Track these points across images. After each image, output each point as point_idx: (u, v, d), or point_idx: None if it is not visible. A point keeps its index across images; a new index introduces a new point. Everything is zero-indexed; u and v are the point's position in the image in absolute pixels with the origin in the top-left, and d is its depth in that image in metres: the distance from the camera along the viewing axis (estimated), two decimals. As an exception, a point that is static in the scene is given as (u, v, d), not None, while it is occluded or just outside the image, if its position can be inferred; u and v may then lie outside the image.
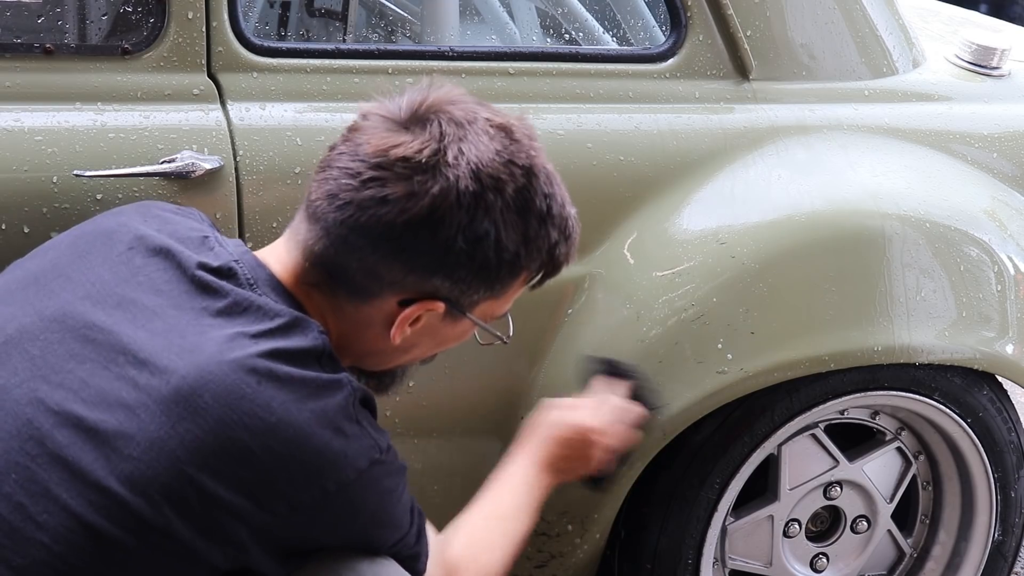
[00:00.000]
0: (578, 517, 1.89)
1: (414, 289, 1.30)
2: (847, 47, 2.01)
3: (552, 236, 1.32)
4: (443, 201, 1.24)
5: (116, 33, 1.71)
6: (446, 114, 1.28)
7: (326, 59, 1.74)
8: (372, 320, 1.32)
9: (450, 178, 1.24)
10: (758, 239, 1.85)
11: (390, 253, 1.27)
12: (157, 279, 1.26)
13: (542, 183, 1.31)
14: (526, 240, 1.30)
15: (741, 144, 1.90)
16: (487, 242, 1.27)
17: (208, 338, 1.20)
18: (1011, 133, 2.11)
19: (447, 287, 1.30)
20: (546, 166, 1.33)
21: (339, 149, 1.29)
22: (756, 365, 1.82)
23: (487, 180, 1.26)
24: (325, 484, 1.21)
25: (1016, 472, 2.10)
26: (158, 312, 1.23)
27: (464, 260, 1.27)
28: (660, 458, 1.88)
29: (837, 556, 2.12)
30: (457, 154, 1.25)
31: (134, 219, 1.35)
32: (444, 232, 1.25)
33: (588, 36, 2.05)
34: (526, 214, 1.29)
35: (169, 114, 1.64)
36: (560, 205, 1.33)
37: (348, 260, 1.28)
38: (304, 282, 1.31)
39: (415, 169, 1.24)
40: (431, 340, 1.38)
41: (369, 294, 1.30)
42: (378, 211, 1.25)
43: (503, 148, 1.28)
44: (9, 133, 1.56)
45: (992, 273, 1.97)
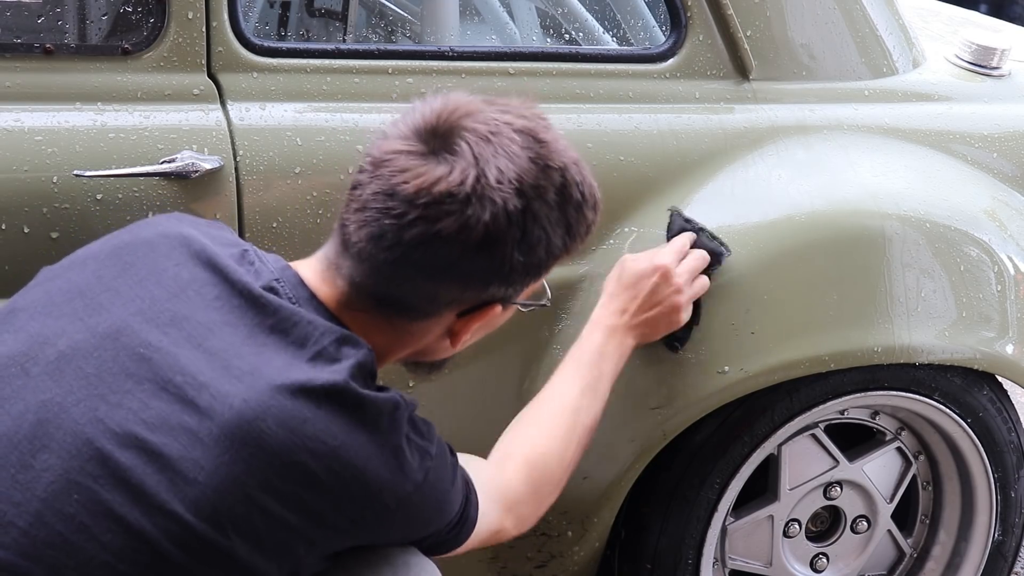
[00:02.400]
0: (578, 517, 1.89)
1: (472, 300, 1.33)
2: (847, 47, 2.01)
3: (589, 217, 1.36)
4: (496, 225, 1.25)
5: (116, 33, 1.71)
6: (470, 132, 1.27)
7: (326, 59, 1.74)
8: (429, 331, 1.35)
9: (497, 201, 1.25)
10: (758, 239, 1.85)
11: (448, 280, 1.29)
12: (207, 294, 1.26)
13: (574, 174, 1.33)
14: (569, 230, 1.33)
15: (741, 144, 1.90)
16: (540, 247, 1.30)
17: (265, 360, 1.21)
18: (1011, 133, 2.11)
19: (502, 291, 1.33)
20: (572, 154, 1.34)
21: (370, 187, 1.28)
22: (756, 365, 1.82)
23: (530, 191, 1.27)
24: (386, 501, 1.23)
25: (1016, 472, 2.10)
26: (213, 330, 1.23)
27: (520, 267, 1.30)
28: (660, 458, 1.88)
29: (837, 556, 2.12)
30: (498, 175, 1.25)
31: (174, 231, 1.34)
32: (500, 251, 1.27)
33: (588, 36, 2.05)
34: (566, 208, 1.32)
35: (169, 114, 1.64)
36: (590, 186, 1.36)
37: (403, 291, 1.30)
38: (348, 306, 1.31)
39: (463, 202, 1.24)
40: (484, 331, 1.42)
41: (426, 314, 1.33)
42: (431, 246, 1.25)
43: (536, 155, 1.29)
44: (9, 133, 1.56)
45: (992, 273, 1.97)
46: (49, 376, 1.21)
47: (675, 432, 1.85)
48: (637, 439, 1.84)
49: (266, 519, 1.17)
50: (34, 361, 1.23)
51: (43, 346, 1.24)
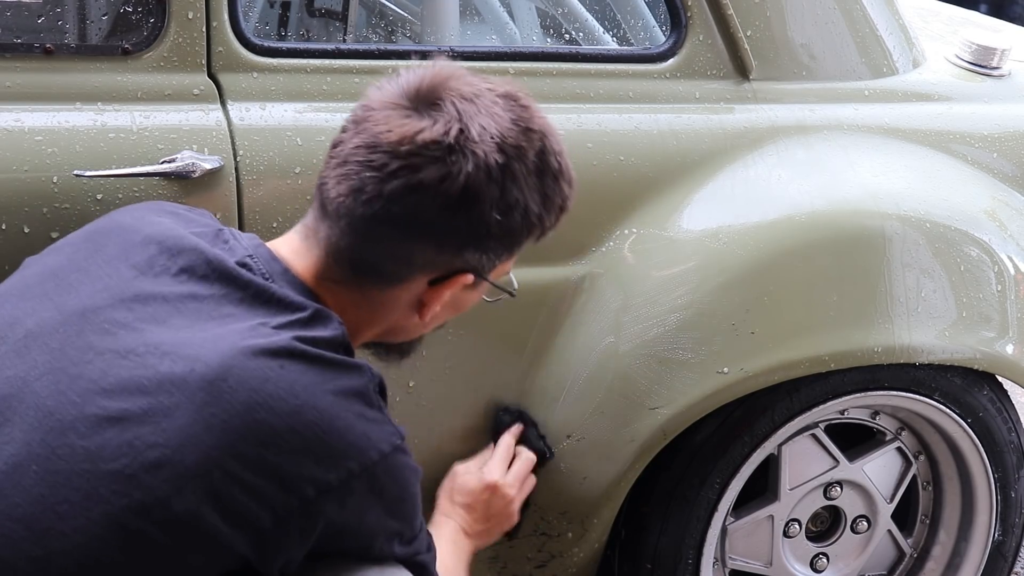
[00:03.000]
0: (578, 517, 1.89)
1: (445, 266, 1.32)
2: (847, 47, 2.01)
3: (565, 190, 1.35)
4: (476, 178, 1.25)
5: (116, 33, 1.71)
6: (453, 91, 1.29)
7: (326, 59, 1.74)
8: (399, 302, 1.34)
9: (480, 154, 1.25)
10: (758, 239, 1.85)
11: (423, 237, 1.28)
12: (174, 270, 1.26)
13: (553, 143, 1.34)
14: (545, 199, 1.33)
15: (741, 144, 1.90)
16: (517, 210, 1.30)
17: (230, 328, 1.21)
18: (1011, 133, 2.11)
19: (476, 258, 1.32)
20: (552, 125, 1.35)
21: (352, 143, 1.29)
22: (756, 365, 1.83)
23: (511, 150, 1.28)
24: (350, 465, 1.21)
25: (1016, 472, 2.10)
26: (178, 306, 1.23)
27: (496, 231, 1.30)
28: (660, 458, 1.88)
29: (837, 556, 2.12)
30: (480, 130, 1.26)
31: (149, 215, 1.36)
32: (479, 208, 1.27)
33: (588, 36, 2.05)
34: (543, 175, 1.32)
35: (169, 114, 1.64)
36: (567, 161, 1.36)
37: (378, 251, 1.29)
38: (326, 278, 1.31)
39: (446, 151, 1.25)
40: (452, 309, 1.41)
41: (399, 279, 1.32)
42: (410, 199, 1.25)
43: (517, 117, 1.30)
44: (9, 133, 1.56)
45: (992, 273, 1.97)
46: (16, 354, 1.22)
47: (675, 432, 1.85)
48: (637, 439, 1.84)
49: (227, 480, 1.15)
50: (3, 341, 1.24)
51: (12, 327, 1.25)
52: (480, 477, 1.74)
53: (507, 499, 1.74)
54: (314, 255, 1.32)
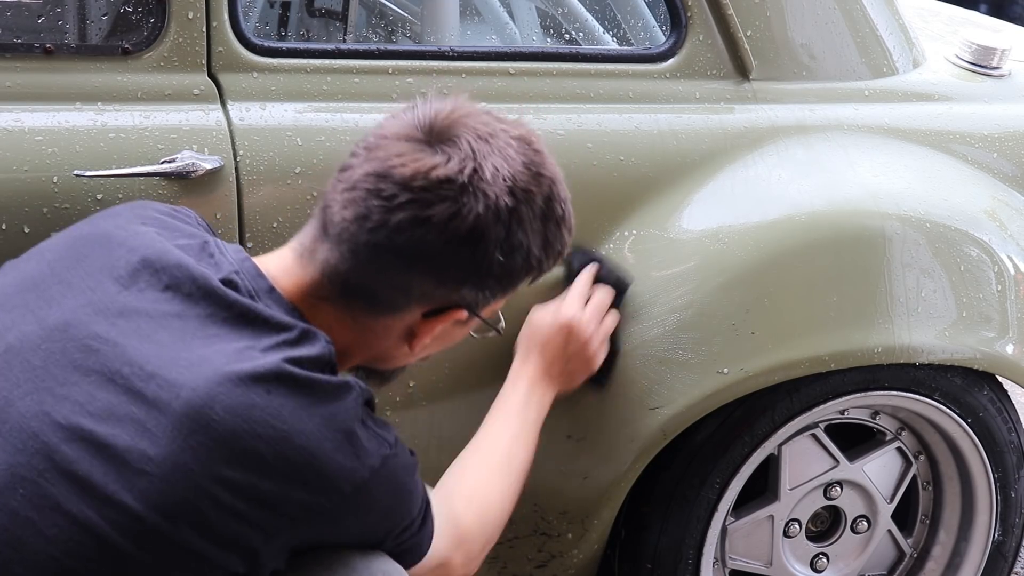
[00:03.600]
0: (578, 517, 1.89)
1: (441, 300, 1.32)
2: (847, 47, 2.01)
3: (565, 237, 1.38)
4: (485, 219, 1.27)
5: (116, 33, 1.71)
6: (469, 130, 1.29)
7: (326, 59, 1.74)
8: (391, 331, 1.34)
9: (491, 196, 1.26)
10: (758, 239, 1.85)
11: (425, 270, 1.29)
12: (159, 286, 1.25)
13: (561, 190, 1.36)
14: (546, 244, 1.34)
15: (741, 144, 1.90)
16: (520, 252, 1.31)
17: (216, 350, 1.20)
18: (1011, 133, 2.11)
19: (472, 295, 1.33)
20: (560, 173, 1.37)
21: (362, 168, 1.28)
22: (757, 365, 1.82)
23: (521, 194, 1.29)
24: (341, 487, 1.21)
25: (1016, 472, 2.10)
26: (162, 323, 1.22)
27: (496, 271, 1.31)
28: (660, 458, 1.88)
29: (837, 556, 2.12)
30: (494, 171, 1.27)
31: (132, 222, 1.34)
32: (483, 247, 1.28)
33: (588, 36, 2.05)
34: (548, 221, 1.34)
35: (169, 114, 1.64)
36: (570, 209, 1.38)
37: (377, 279, 1.29)
38: (314, 296, 1.31)
39: (459, 191, 1.25)
40: (440, 343, 1.42)
41: (393, 308, 1.32)
42: (416, 232, 1.26)
43: (529, 161, 1.32)
44: (9, 133, 1.56)
45: (992, 273, 1.97)
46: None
47: (675, 432, 1.85)
48: (637, 439, 1.84)
49: (217, 509, 1.15)
50: None
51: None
52: (554, 315, 1.70)
53: (585, 336, 1.70)
54: (308, 274, 1.31)
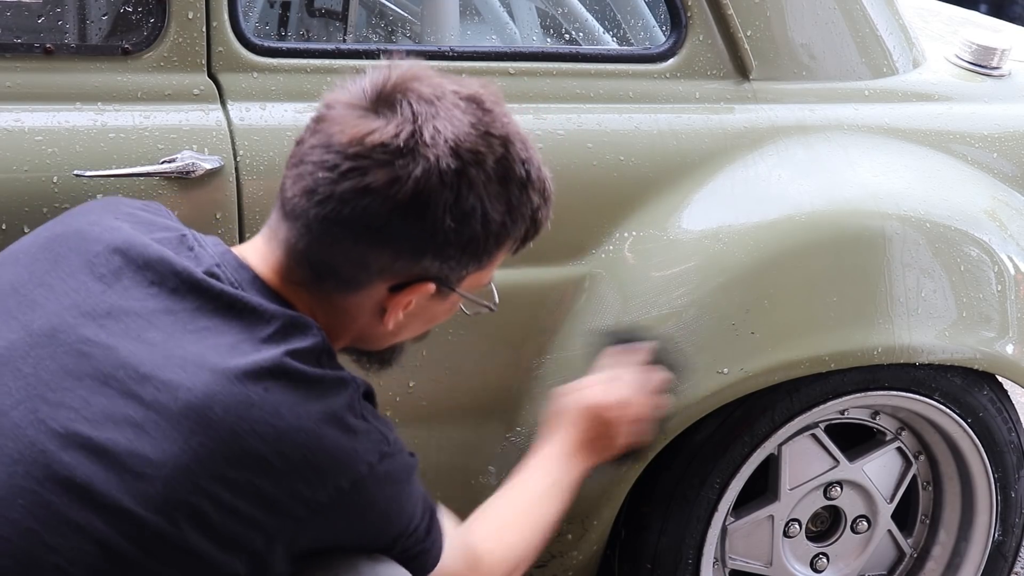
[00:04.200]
0: (578, 517, 1.89)
1: (404, 273, 1.28)
2: (847, 47, 2.01)
3: (534, 200, 1.31)
4: (426, 182, 1.22)
5: (116, 33, 1.71)
6: (413, 92, 1.25)
7: (326, 59, 1.74)
8: (362, 309, 1.31)
9: (430, 158, 1.22)
10: (758, 239, 1.85)
11: (377, 242, 1.25)
12: (143, 283, 1.24)
13: (519, 150, 1.29)
14: (510, 209, 1.28)
15: (741, 144, 1.90)
16: (474, 217, 1.25)
17: (209, 346, 1.19)
18: (1011, 133, 2.11)
19: (436, 267, 1.28)
20: (519, 132, 1.31)
21: (309, 142, 1.26)
22: (757, 365, 1.83)
23: (467, 155, 1.24)
24: (340, 483, 1.20)
25: (1016, 472, 2.10)
26: (152, 321, 1.21)
27: (453, 238, 1.26)
28: (660, 458, 1.88)
29: (837, 556, 2.12)
30: (434, 133, 1.23)
31: (105, 218, 1.32)
32: (431, 214, 1.23)
33: (588, 36, 2.05)
34: (507, 183, 1.28)
35: (169, 114, 1.64)
36: (537, 168, 1.32)
37: (334, 254, 1.26)
38: (289, 281, 1.29)
39: (394, 154, 1.22)
40: (422, 319, 1.37)
41: (358, 284, 1.29)
42: (361, 202, 1.22)
43: (477, 120, 1.26)
44: (9, 133, 1.56)
45: (992, 273, 1.97)
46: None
47: (675, 432, 1.85)
48: (637, 439, 1.83)
49: (219, 510, 1.15)
50: None
51: None
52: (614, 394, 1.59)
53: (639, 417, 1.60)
54: (276, 256, 1.29)
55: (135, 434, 1.15)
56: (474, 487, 1.86)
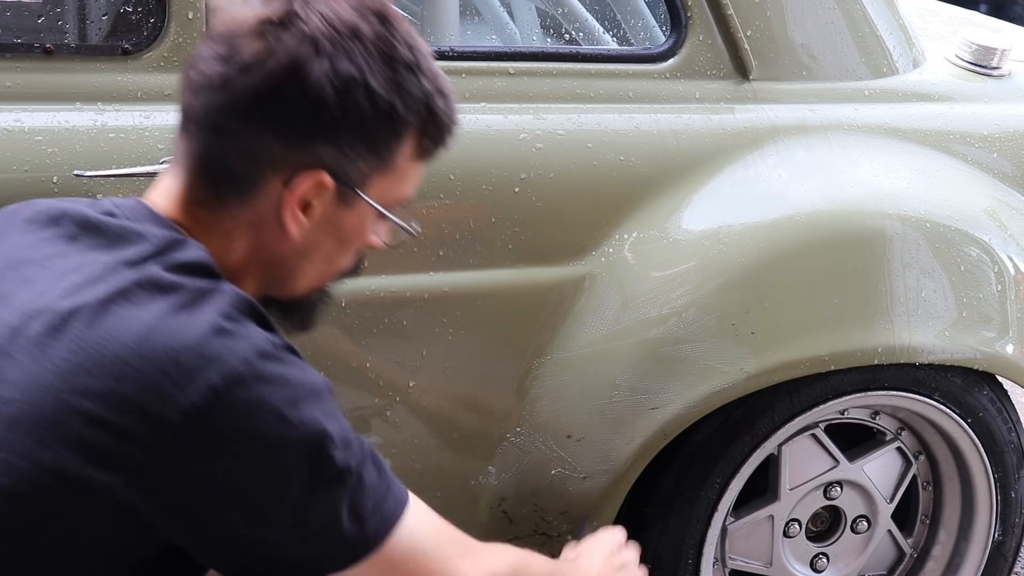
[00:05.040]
0: (578, 517, 1.89)
1: (295, 162, 1.24)
2: (847, 47, 2.01)
3: (425, 86, 1.27)
4: (300, 50, 1.21)
5: (116, 33, 1.71)
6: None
7: (326, 59, 1.74)
8: (264, 216, 1.26)
9: (305, 29, 1.21)
10: (758, 239, 1.85)
11: (263, 124, 1.23)
12: (48, 237, 1.25)
13: (402, 33, 1.26)
14: (397, 87, 1.24)
15: (741, 144, 1.90)
16: (356, 87, 1.22)
17: (87, 272, 1.19)
18: (1011, 133, 2.11)
19: (328, 152, 1.24)
20: (404, 22, 1.28)
21: (197, 47, 1.27)
22: (757, 365, 1.83)
23: (342, 27, 1.22)
24: (211, 378, 1.12)
25: (1016, 472, 2.10)
26: (45, 264, 1.22)
27: (336, 113, 1.22)
28: (660, 458, 1.88)
29: (837, 556, 2.12)
30: (308, 9, 1.23)
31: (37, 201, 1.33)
32: (309, 83, 1.21)
33: (588, 36, 2.05)
34: (392, 62, 1.24)
35: (169, 114, 1.63)
36: (427, 59, 1.28)
37: (226, 150, 1.24)
38: (190, 202, 1.27)
39: (268, 27, 1.22)
40: (331, 235, 1.30)
41: (252, 183, 1.25)
42: (241, 81, 1.22)
43: (358, 4, 1.25)
44: (9, 133, 1.56)
45: (992, 273, 1.97)
46: None
47: (675, 432, 1.85)
48: (637, 439, 1.84)
49: (85, 422, 1.11)
50: None
51: None
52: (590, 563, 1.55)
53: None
54: (180, 179, 1.28)
55: (4, 360, 1.14)
56: (474, 487, 1.86)
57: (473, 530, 1.91)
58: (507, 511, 1.88)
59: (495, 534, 1.89)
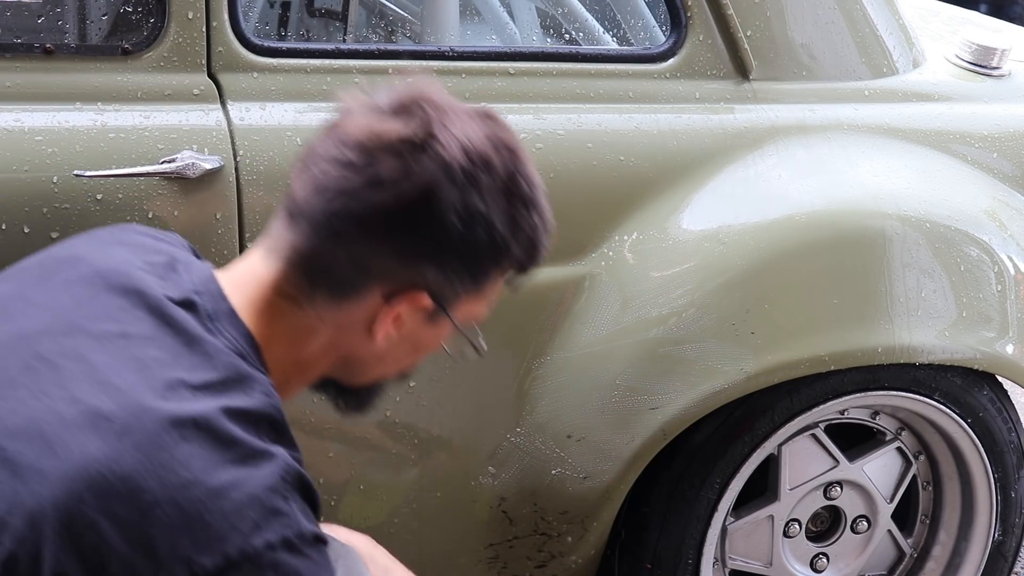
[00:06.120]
0: (578, 517, 1.89)
1: (402, 279, 1.26)
2: (847, 47, 2.01)
3: (535, 222, 1.29)
4: (437, 179, 1.22)
5: (116, 33, 1.71)
6: (428, 100, 1.26)
7: (326, 59, 1.74)
8: (353, 321, 1.28)
9: (443, 156, 1.22)
10: (758, 239, 1.85)
11: (382, 239, 1.24)
12: (113, 307, 1.22)
13: (527, 168, 1.29)
14: (513, 222, 1.27)
15: (741, 144, 1.90)
16: (479, 221, 1.24)
17: (146, 379, 1.16)
18: (1011, 133, 2.11)
19: (434, 275, 1.26)
20: (527, 155, 1.31)
21: (322, 144, 1.26)
22: (757, 365, 1.83)
23: (478, 158, 1.24)
24: (228, 550, 1.12)
25: (1016, 472, 2.10)
26: (104, 342, 1.19)
27: (456, 241, 1.24)
28: (660, 458, 1.88)
29: (837, 556, 2.12)
30: (448, 135, 1.23)
31: (108, 243, 1.32)
32: (437, 211, 1.22)
33: (588, 36, 2.05)
34: (512, 197, 1.27)
35: (169, 114, 1.64)
36: (542, 194, 1.31)
37: (336, 254, 1.25)
38: (277, 293, 1.26)
39: (411, 150, 1.22)
40: (410, 345, 1.34)
41: (353, 289, 1.26)
42: (372, 196, 1.22)
43: (490, 131, 1.27)
44: (9, 133, 1.56)
45: (992, 273, 1.97)
46: None
47: (675, 432, 1.85)
48: (637, 439, 1.84)
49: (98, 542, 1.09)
50: None
51: None
52: None
53: None
54: (273, 271, 1.27)
55: (43, 450, 1.12)
56: (474, 487, 1.86)
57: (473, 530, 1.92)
58: (507, 511, 1.88)
59: (495, 534, 1.89)
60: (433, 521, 1.86)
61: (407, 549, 1.86)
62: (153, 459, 1.12)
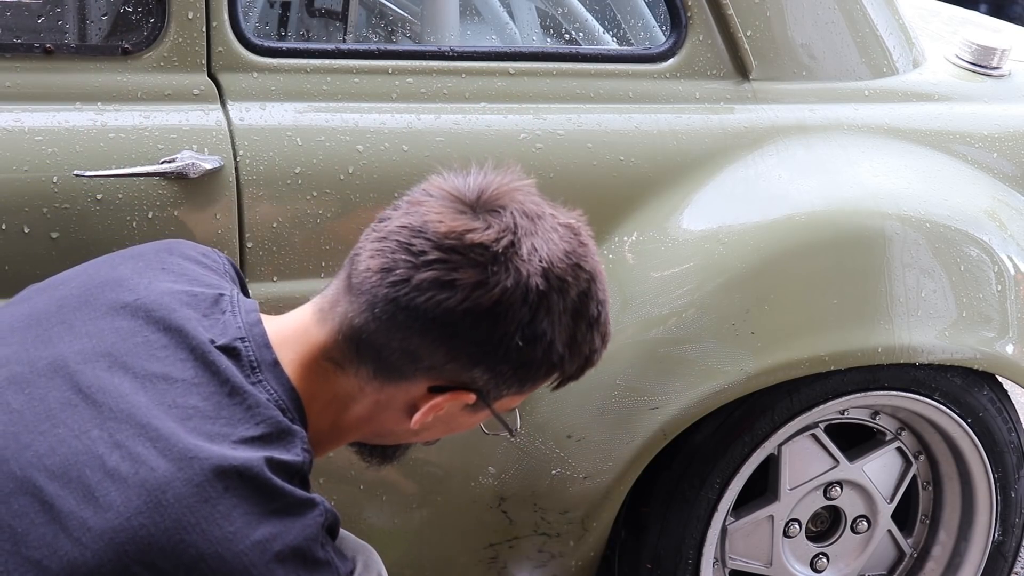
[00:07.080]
0: (578, 517, 1.89)
1: (450, 376, 1.25)
2: (847, 47, 2.01)
3: (595, 342, 1.29)
4: (511, 296, 1.20)
5: (116, 33, 1.71)
6: (516, 204, 1.24)
7: (326, 59, 1.74)
8: (394, 402, 1.27)
9: (522, 273, 1.20)
10: (758, 239, 1.85)
11: (439, 339, 1.22)
12: (156, 345, 1.21)
13: (600, 290, 1.29)
14: (572, 343, 1.26)
15: (741, 144, 1.90)
16: (541, 343, 1.23)
17: (188, 428, 1.15)
18: (1011, 133, 2.11)
19: (484, 379, 1.25)
20: (603, 271, 1.30)
21: (398, 221, 1.23)
22: (756, 365, 1.82)
23: (555, 281, 1.22)
24: None
25: (1016, 472, 2.10)
26: (146, 385, 1.18)
27: (513, 357, 1.23)
28: (660, 458, 1.88)
29: (837, 556, 2.12)
30: (531, 249, 1.21)
31: (152, 267, 1.30)
32: (503, 327, 1.21)
33: (588, 36, 2.05)
34: (579, 318, 1.26)
35: (169, 114, 1.64)
36: (607, 312, 1.30)
37: (390, 339, 1.23)
38: (324, 358, 1.25)
39: (489, 258, 1.20)
40: (445, 426, 1.33)
41: (400, 375, 1.25)
42: (439, 295, 1.19)
43: (572, 250, 1.25)
44: (9, 133, 1.56)
45: (992, 273, 1.97)
46: None
47: (675, 432, 1.85)
48: (637, 439, 1.84)
49: None
50: None
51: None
52: None
53: None
54: (324, 333, 1.25)
55: (84, 497, 1.12)
56: (474, 487, 1.86)
57: (473, 530, 1.92)
58: (507, 511, 1.88)
59: (495, 534, 1.89)
60: (433, 521, 1.86)
61: (407, 549, 1.86)
62: (196, 512, 1.11)
